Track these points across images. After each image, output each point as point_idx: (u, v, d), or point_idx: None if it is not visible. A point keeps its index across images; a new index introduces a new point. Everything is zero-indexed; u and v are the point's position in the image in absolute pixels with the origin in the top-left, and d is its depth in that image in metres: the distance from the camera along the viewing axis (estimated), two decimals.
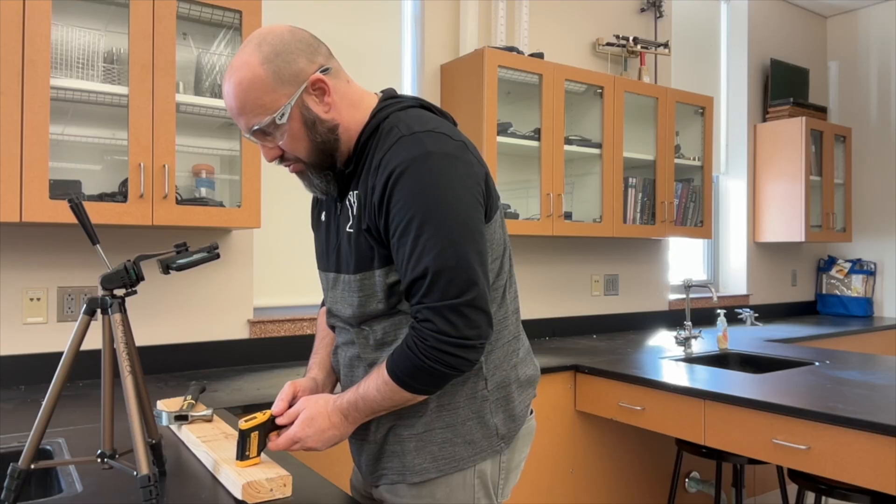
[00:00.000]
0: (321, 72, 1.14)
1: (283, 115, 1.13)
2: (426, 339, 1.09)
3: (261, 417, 1.22)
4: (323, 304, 1.48)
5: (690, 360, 2.93)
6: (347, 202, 1.21)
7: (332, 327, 1.36)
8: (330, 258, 1.29)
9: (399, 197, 1.09)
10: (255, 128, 1.13)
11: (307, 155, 1.17)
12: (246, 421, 1.21)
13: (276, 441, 1.21)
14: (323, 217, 1.32)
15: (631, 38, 3.72)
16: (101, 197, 2.10)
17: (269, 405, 1.99)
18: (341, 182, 1.24)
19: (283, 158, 1.19)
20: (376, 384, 1.16)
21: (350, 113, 1.19)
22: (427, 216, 1.07)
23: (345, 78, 1.21)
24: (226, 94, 1.15)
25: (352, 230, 1.20)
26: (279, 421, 1.22)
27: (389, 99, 1.23)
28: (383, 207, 1.12)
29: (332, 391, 1.39)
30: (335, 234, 1.27)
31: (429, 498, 1.23)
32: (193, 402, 1.59)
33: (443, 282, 1.07)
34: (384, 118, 1.19)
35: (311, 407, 1.21)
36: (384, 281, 1.17)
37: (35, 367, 2.20)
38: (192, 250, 1.22)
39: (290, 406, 1.24)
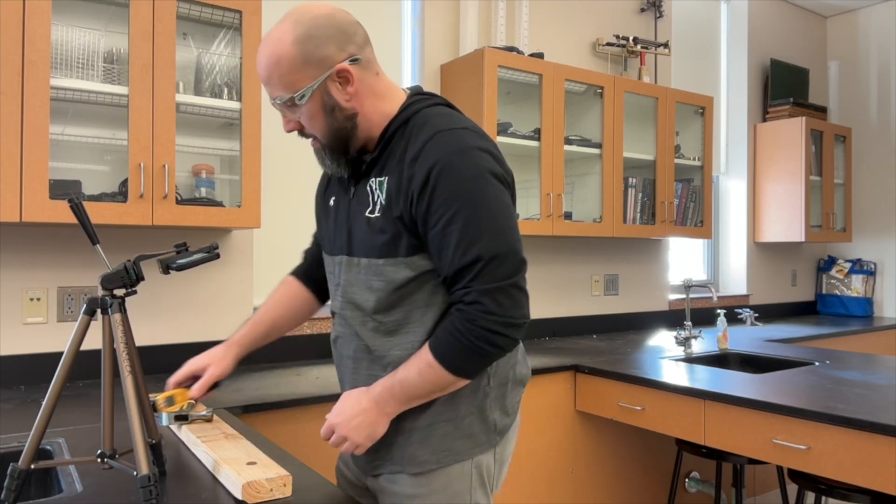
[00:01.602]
0: (350, 61, 1.18)
1: (302, 96, 1.17)
2: (475, 319, 1.12)
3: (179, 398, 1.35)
4: (297, 268, 1.57)
5: (690, 360, 2.93)
6: (368, 188, 1.23)
7: (333, 314, 1.38)
8: (337, 242, 1.31)
9: (444, 189, 1.13)
10: (277, 101, 1.19)
11: (322, 136, 1.21)
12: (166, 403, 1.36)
13: (323, 435, 1.24)
14: (332, 202, 1.35)
15: (631, 38, 3.72)
16: (101, 197, 2.10)
17: (269, 405, 2.00)
18: (356, 167, 1.27)
19: (302, 133, 1.23)
20: (418, 368, 1.18)
21: (373, 104, 1.22)
22: (474, 206, 1.12)
23: (374, 69, 1.24)
24: (258, 60, 1.20)
25: (374, 215, 1.22)
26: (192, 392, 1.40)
27: (419, 95, 1.27)
28: (424, 198, 1.14)
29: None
30: (345, 218, 1.29)
31: (425, 487, 1.26)
32: (193, 402, 1.59)
33: (493, 266, 1.12)
34: (415, 112, 1.22)
35: (343, 397, 1.25)
36: (408, 269, 1.20)
37: (35, 367, 2.20)
38: (192, 250, 1.22)
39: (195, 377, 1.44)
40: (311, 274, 1.55)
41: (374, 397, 1.22)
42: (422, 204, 1.15)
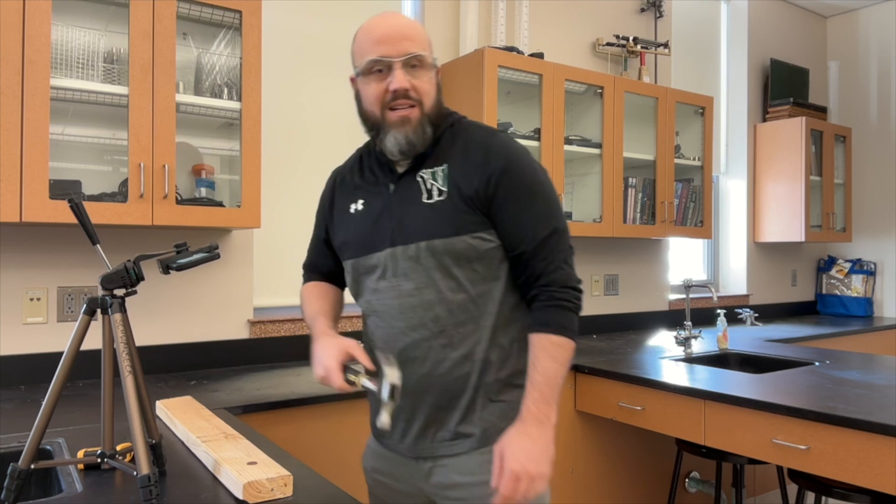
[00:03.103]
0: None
1: (435, 62, 1.33)
2: (566, 282, 1.29)
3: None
4: (308, 277, 1.56)
5: (690, 360, 2.93)
6: (419, 179, 1.33)
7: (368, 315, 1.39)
8: (378, 238, 1.34)
9: (522, 174, 1.29)
10: (418, 53, 1.27)
11: (431, 104, 1.31)
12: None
13: (507, 492, 1.20)
14: (360, 205, 1.39)
15: (631, 38, 3.72)
16: (101, 197, 2.10)
17: (269, 405, 2.00)
18: (391, 169, 1.37)
19: (405, 96, 1.28)
20: (550, 355, 1.26)
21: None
22: (546, 191, 1.31)
23: None
24: (387, 21, 1.28)
25: (434, 200, 1.30)
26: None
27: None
28: (504, 182, 1.28)
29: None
30: (388, 212, 1.33)
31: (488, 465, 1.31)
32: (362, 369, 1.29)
33: (565, 238, 1.31)
34: (457, 119, 1.38)
35: (507, 443, 1.23)
36: (476, 244, 1.28)
37: (35, 367, 2.20)
38: (192, 250, 1.22)
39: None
40: (329, 279, 1.56)
41: (535, 419, 1.24)
42: (501, 187, 1.28)
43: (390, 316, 1.32)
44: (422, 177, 1.32)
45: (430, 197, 1.30)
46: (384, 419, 1.17)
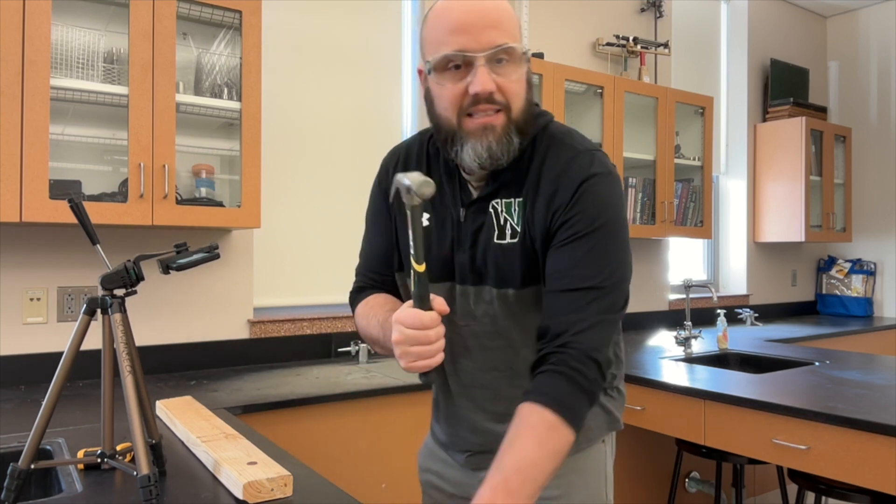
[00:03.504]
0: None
1: (526, 52, 1.06)
2: (592, 354, 0.98)
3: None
4: (357, 301, 1.29)
5: (690, 360, 2.93)
6: (491, 210, 1.11)
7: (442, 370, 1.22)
8: (447, 269, 1.15)
9: (586, 206, 1.04)
10: (506, 45, 1.02)
11: (520, 108, 1.06)
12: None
13: None
14: (426, 221, 1.16)
15: (631, 38, 3.72)
16: (101, 197, 2.11)
17: (269, 405, 2.00)
18: (462, 187, 1.14)
19: (490, 100, 1.03)
20: (536, 436, 0.93)
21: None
22: (607, 233, 1.04)
23: None
24: (466, 7, 1.02)
25: (509, 241, 1.10)
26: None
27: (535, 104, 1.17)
28: (565, 212, 1.05)
29: None
30: (458, 241, 1.14)
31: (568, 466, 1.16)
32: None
33: (612, 301, 1.02)
34: (547, 121, 1.14)
35: None
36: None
37: (35, 367, 2.20)
38: (192, 250, 1.22)
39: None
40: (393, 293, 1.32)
41: None
42: (561, 218, 1.05)
43: (457, 353, 1.20)
44: (494, 207, 1.11)
45: (502, 236, 1.10)
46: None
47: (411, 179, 0.95)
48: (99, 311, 1.15)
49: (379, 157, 3.09)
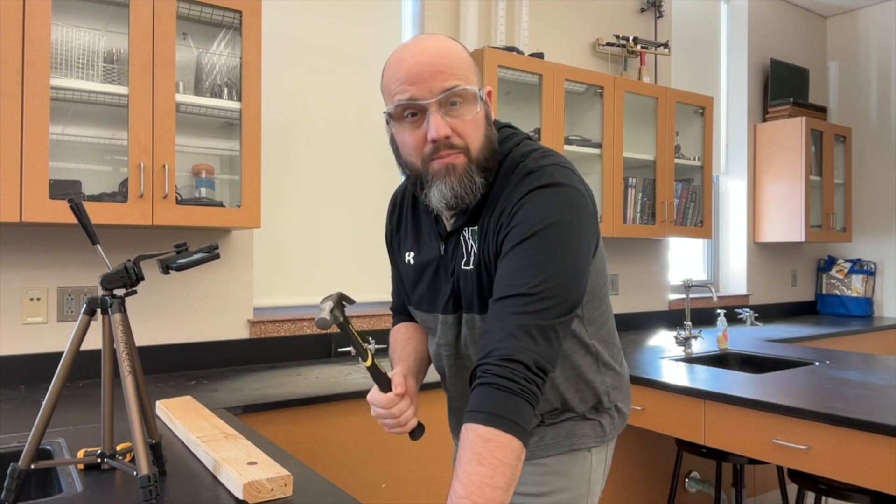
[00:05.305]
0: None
1: (481, 92, 1.10)
2: (513, 355, 0.97)
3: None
4: (394, 321, 1.44)
5: (690, 360, 2.93)
6: (461, 238, 1.16)
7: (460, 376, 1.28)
8: (437, 302, 1.22)
9: (527, 213, 1.05)
10: (455, 87, 1.05)
11: (479, 147, 1.10)
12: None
13: None
14: (412, 258, 1.26)
15: (631, 38, 3.72)
16: (101, 197, 2.10)
17: (269, 405, 2.00)
18: (438, 222, 1.21)
19: (447, 145, 1.07)
20: (475, 454, 0.92)
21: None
22: (550, 235, 1.03)
23: None
24: (421, 51, 1.06)
25: (468, 267, 1.15)
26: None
27: (506, 127, 1.22)
28: (508, 225, 1.07)
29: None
30: (444, 271, 1.20)
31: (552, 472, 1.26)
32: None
33: (546, 303, 0.99)
34: (512, 146, 1.16)
35: None
36: None
37: (35, 367, 2.20)
38: (192, 250, 1.22)
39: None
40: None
41: None
42: (503, 232, 1.08)
43: (464, 382, 1.26)
44: (463, 236, 1.16)
45: (467, 263, 1.15)
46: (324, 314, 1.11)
47: (322, 309, 1.11)
48: (99, 311, 1.15)
49: (379, 156, 3.12)
